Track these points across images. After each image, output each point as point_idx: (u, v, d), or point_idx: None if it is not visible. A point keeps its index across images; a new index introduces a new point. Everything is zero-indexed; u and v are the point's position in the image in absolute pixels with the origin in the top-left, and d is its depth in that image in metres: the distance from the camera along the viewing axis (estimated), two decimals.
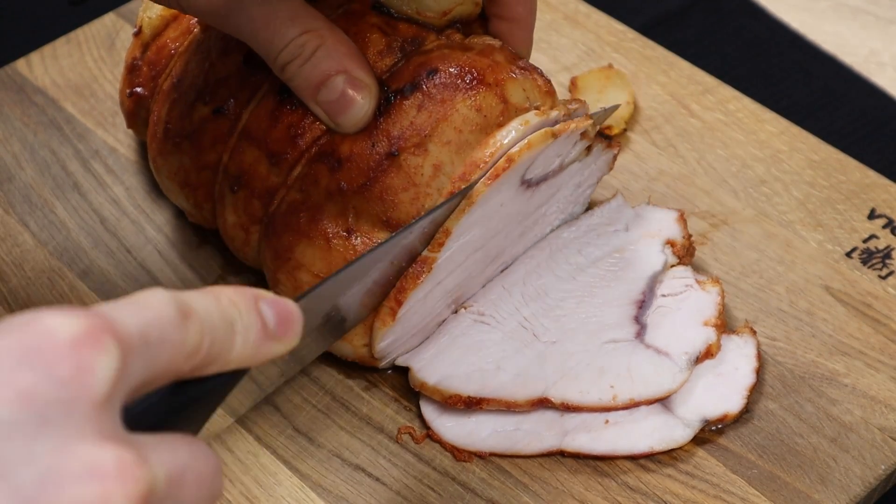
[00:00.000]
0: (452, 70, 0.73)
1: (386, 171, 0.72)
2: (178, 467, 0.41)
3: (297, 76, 0.71)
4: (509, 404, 0.75)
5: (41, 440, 0.37)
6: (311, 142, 0.74)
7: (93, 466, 0.38)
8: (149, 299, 0.43)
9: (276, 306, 0.48)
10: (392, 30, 0.75)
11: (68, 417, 0.38)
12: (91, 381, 0.39)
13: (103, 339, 0.39)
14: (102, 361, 0.39)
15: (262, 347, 0.47)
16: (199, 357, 0.44)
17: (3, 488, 0.36)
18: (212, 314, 0.45)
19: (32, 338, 0.39)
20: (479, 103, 0.73)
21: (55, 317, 0.39)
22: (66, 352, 0.39)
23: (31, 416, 0.38)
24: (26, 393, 0.38)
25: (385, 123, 0.72)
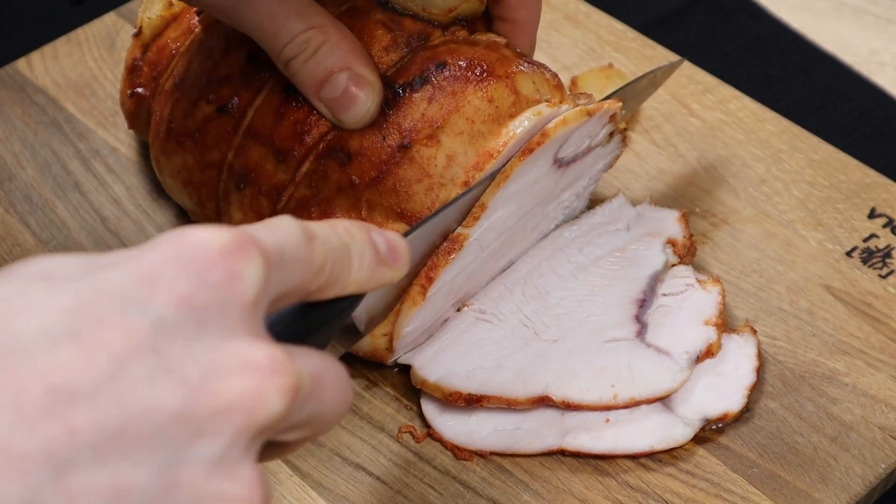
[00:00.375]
0: (462, 63, 0.73)
1: (399, 164, 0.72)
2: (319, 370, 0.45)
3: (300, 72, 0.71)
4: (510, 402, 0.75)
5: (201, 338, 0.41)
6: (319, 138, 0.74)
7: (248, 361, 0.41)
8: (279, 223, 0.47)
9: (385, 236, 0.52)
10: (397, 26, 0.75)
11: (222, 318, 0.42)
12: (240, 286, 0.42)
13: (250, 249, 0.43)
14: (250, 268, 0.43)
15: (376, 272, 0.51)
16: (323, 277, 0.48)
17: (171, 380, 0.40)
18: (331, 238, 0.49)
19: (186, 247, 0.42)
20: (490, 94, 0.73)
21: (203, 231, 0.43)
22: (218, 259, 0.42)
23: (191, 317, 0.41)
24: (185, 296, 0.41)
25: (395, 116, 0.72)
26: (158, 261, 0.42)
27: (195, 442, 0.40)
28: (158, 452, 0.39)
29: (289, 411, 0.42)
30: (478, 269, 0.78)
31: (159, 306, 0.41)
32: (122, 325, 0.40)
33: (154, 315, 0.40)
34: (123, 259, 0.42)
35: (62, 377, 0.38)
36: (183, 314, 0.41)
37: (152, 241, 0.43)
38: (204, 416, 0.40)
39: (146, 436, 0.39)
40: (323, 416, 0.45)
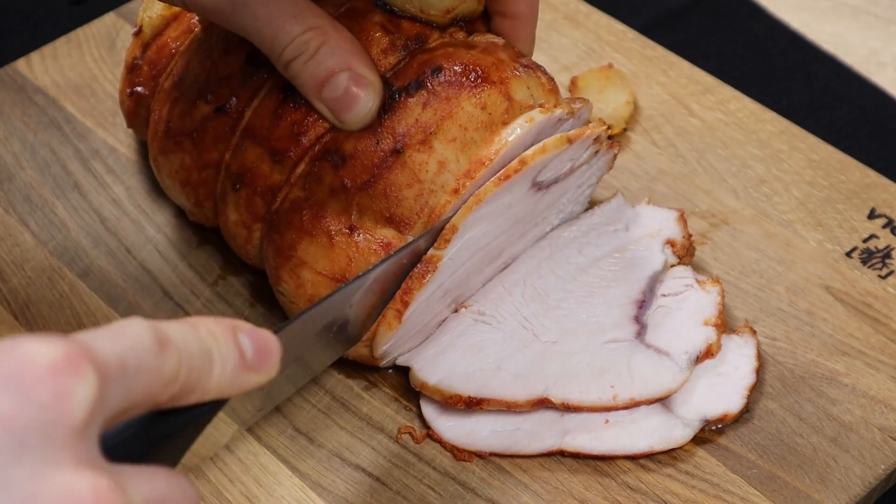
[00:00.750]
0: (457, 68, 0.73)
1: (390, 168, 0.72)
2: (156, 498, 0.41)
3: (301, 73, 0.71)
4: (510, 405, 0.75)
5: (19, 466, 0.37)
6: (315, 139, 0.74)
7: (69, 493, 0.38)
8: (126, 328, 0.43)
9: (253, 337, 0.48)
10: (395, 28, 0.75)
11: (46, 443, 0.38)
12: (69, 407, 0.39)
13: (81, 365, 0.39)
14: (80, 387, 0.39)
15: (241, 377, 0.48)
16: (176, 386, 0.44)
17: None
18: (189, 343, 0.45)
19: (11, 363, 0.39)
20: (483, 101, 0.73)
21: (33, 343, 0.39)
22: (45, 377, 0.39)
23: (10, 441, 0.38)
24: (5, 417, 0.38)
25: (390, 121, 0.72)
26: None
27: None
28: None
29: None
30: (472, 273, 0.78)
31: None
32: None
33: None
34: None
35: None
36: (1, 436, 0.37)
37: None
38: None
39: None
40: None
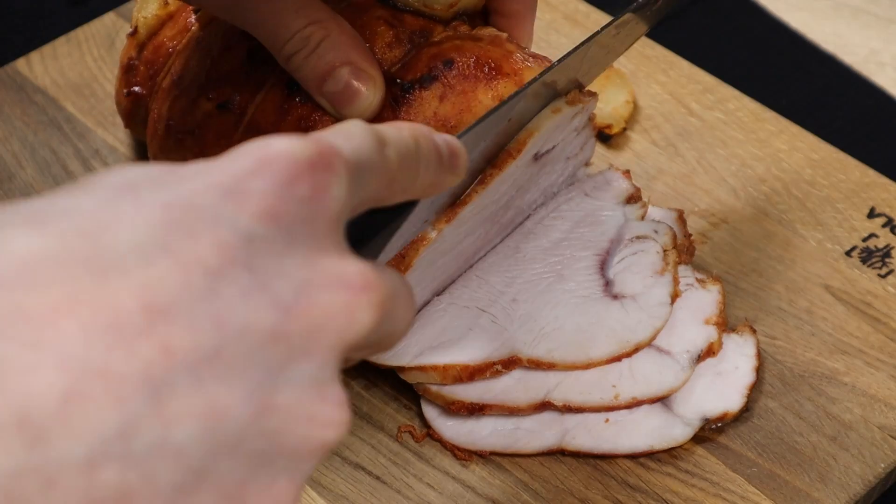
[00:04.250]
0: (469, 61, 0.74)
1: None
2: (396, 286, 0.44)
3: (302, 67, 0.71)
4: (512, 409, 0.75)
5: (291, 254, 0.40)
6: None
7: (338, 277, 0.40)
8: (352, 129, 0.45)
9: (446, 140, 0.51)
10: (399, 22, 0.75)
11: (311, 233, 0.41)
12: (327, 201, 0.41)
13: (335, 161, 0.42)
14: (335, 182, 0.42)
15: (439, 177, 0.50)
16: (395, 184, 0.47)
17: (266, 298, 0.38)
18: (400, 143, 0.47)
19: (272, 159, 0.41)
20: (500, 93, 0.73)
21: (288, 141, 0.41)
22: (305, 172, 0.41)
23: (281, 233, 0.40)
24: (274, 211, 0.40)
25: (406, 114, 0.72)
26: (245, 172, 0.40)
27: (289, 363, 0.39)
28: (253, 374, 0.38)
29: (376, 328, 0.42)
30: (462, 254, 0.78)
31: (250, 221, 0.39)
32: (215, 241, 0.38)
33: (245, 230, 0.39)
34: (208, 169, 0.40)
35: (159, 295, 0.36)
36: (272, 229, 0.40)
37: (236, 150, 0.42)
38: (298, 336, 0.39)
39: (242, 357, 0.37)
40: (393, 333, 0.44)
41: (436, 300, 0.79)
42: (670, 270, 0.79)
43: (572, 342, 0.75)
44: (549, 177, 0.82)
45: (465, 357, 0.75)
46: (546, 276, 0.79)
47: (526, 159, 0.74)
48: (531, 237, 0.82)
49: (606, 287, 0.78)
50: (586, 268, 0.80)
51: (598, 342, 0.75)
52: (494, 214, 0.78)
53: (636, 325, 0.76)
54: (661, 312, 0.77)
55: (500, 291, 0.79)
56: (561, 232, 0.82)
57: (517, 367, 0.75)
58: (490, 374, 0.75)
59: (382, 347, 0.45)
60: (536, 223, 0.83)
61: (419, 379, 0.76)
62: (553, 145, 0.78)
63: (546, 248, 0.81)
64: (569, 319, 0.77)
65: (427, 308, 0.79)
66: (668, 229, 0.81)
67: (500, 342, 0.76)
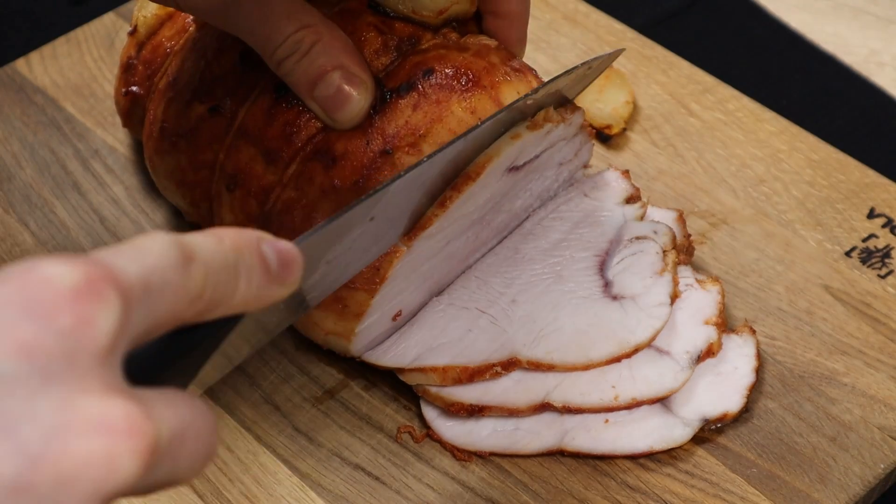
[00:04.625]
0: (448, 71, 0.73)
1: (379, 169, 0.72)
2: (180, 424, 0.40)
3: (293, 72, 0.71)
4: (511, 411, 0.75)
5: (45, 394, 0.37)
6: (307, 140, 0.74)
7: (99, 420, 0.37)
8: (149, 244, 0.42)
9: (277, 248, 0.47)
10: (388, 28, 0.75)
11: (71, 370, 0.37)
12: (93, 333, 0.38)
13: (104, 288, 0.38)
14: (104, 312, 0.38)
15: (265, 290, 0.46)
16: (201, 303, 0.43)
17: (8, 445, 0.35)
18: (215, 256, 0.44)
19: (32, 288, 0.37)
20: (473, 105, 0.73)
21: (54, 265, 0.38)
22: (67, 302, 0.38)
23: (34, 370, 0.37)
24: (28, 345, 0.37)
25: (380, 122, 0.72)
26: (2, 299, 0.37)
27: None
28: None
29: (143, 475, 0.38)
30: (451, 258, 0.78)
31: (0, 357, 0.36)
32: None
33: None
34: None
35: None
36: (24, 366, 0.36)
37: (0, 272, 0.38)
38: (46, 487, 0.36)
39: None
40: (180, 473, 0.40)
41: (435, 301, 0.79)
42: (670, 271, 0.79)
43: (572, 343, 0.75)
44: (542, 182, 0.81)
45: (464, 358, 0.75)
46: (545, 277, 0.79)
47: (492, 178, 0.74)
48: (530, 238, 0.82)
49: (606, 288, 0.78)
50: (586, 268, 0.80)
51: (597, 343, 0.75)
52: (482, 219, 0.78)
53: (636, 325, 0.76)
54: (660, 313, 0.77)
55: (499, 292, 0.79)
56: (560, 233, 0.82)
57: (517, 368, 0.75)
58: (489, 376, 0.75)
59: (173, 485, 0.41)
60: (535, 224, 0.83)
61: (419, 380, 0.76)
62: (533, 156, 0.77)
63: (545, 248, 0.81)
64: (568, 320, 0.77)
65: (426, 309, 0.79)
66: (668, 230, 0.81)
67: (500, 343, 0.76)
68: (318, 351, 0.80)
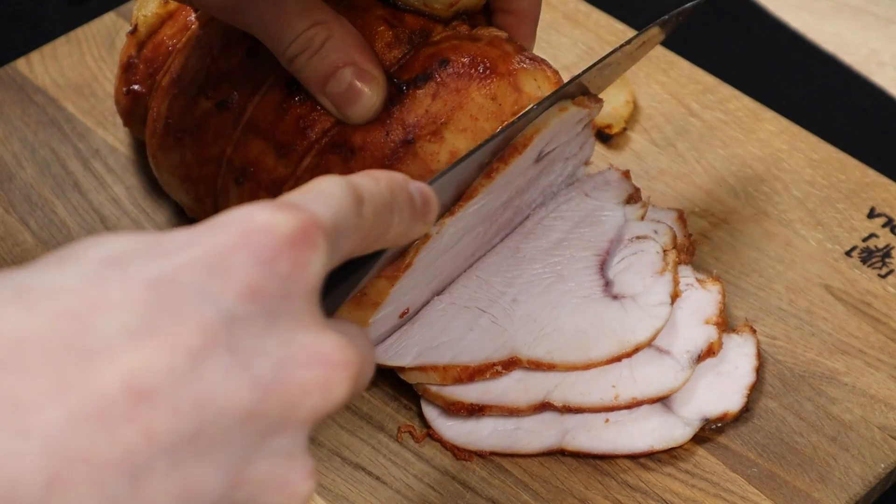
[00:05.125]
0: (465, 60, 0.74)
1: (402, 159, 0.72)
2: (366, 352, 0.45)
3: (305, 68, 0.71)
4: (512, 411, 0.75)
5: (272, 333, 0.41)
6: (321, 133, 0.74)
7: (316, 353, 0.42)
8: (332, 189, 0.46)
9: (419, 188, 0.52)
10: (399, 22, 0.75)
11: (289, 309, 0.42)
12: (305, 276, 0.42)
13: (315, 235, 0.43)
14: (315, 257, 0.43)
15: (411, 227, 0.51)
16: (370, 239, 0.48)
17: (246, 379, 0.40)
18: (377, 196, 0.48)
19: (254, 235, 0.42)
20: (493, 92, 0.73)
21: (270, 213, 0.42)
22: (286, 248, 0.42)
23: (261, 310, 0.41)
24: (256, 289, 0.41)
25: (399, 112, 0.72)
26: (227, 247, 0.41)
27: (264, 439, 0.41)
28: (229, 451, 0.40)
29: (349, 398, 0.43)
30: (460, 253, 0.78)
31: (233, 300, 0.41)
32: (198, 323, 0.39)
33: (228, 310, 0.40)
34: (191, 242, 0.41)
35: (143, 379, 0.38)
36: (254, 308, 0.41)
37: (218, 220, 0.43)
38: (274, 413, 0.41)
39: (219, 436, 0.39)
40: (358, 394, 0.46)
41: (436, 300, 0.79)
42: (670, 270, 0.79)
43: (572, 343, 0.75)
44: (548, 177, 0.82)
45: (465, 358, 0.75)
46: (546, 277, 0.79)
47: (532, 155, 0.74)
48: (531, 237, 0.82)
49: (606, 287, 0.78)
50: (586, 268, 0.80)
51: (597, 342, 0.75)
52: (493, 213, 0.78)
53: (636, 325, 0.76)
54: (660, 312, 0.77)
55: (500, 292, 0.79)
56: (561, 232, 0.82)
57: (517, 367, 0.75)
58: (490, 375, 0.75)
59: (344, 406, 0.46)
60: (536, 223, 0.83)
61: (419, 379, 0.76)
62: (556, 146, 0.78)
63: (546, 248, 0.81)
64: (569, 320, 0.77)
65: (427, 308, 0.79)
66: (668, 229, 0.81)
67: (500, 343, 0.76)
68: None
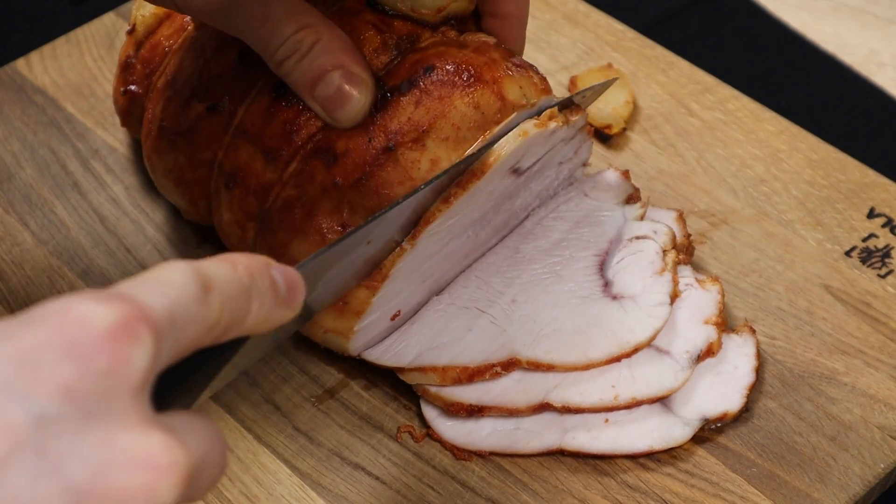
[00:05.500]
0: (449, 67, 0.73)
1: (382, 166, 0.72)
2: (204, 449, 0.42)
3: (294, 72, 0.71)
4: (511, 411, 0.75)
5: (88, 433, 0.38)
6: (307, 138, 0.74)
7: (139, 455, 0.39)
8: (171, 276, 0.43)
9: (284, 273, 0.49)
10: (387, 27, 0.75)
11: (110, 408, 0.39)
12: (128, 372, 0.40)
13: (138, 328, 0.40)
14: (139, 351, 0.40)
15: (274, 313, 0.48)
16: (218, 329, 0.45)
17: (56, 483, 0.37)
18: (230, 284, 0.46)
19: (70, 329, 0.39)
20: (476, 100, 0.73)
21: (90, 305, 0.40)
22: (104, 343, 0.39)
23: (77, 410, 0.38)
24: (70, 387, 0.38)
25: (382, 119, 0.72)
26: (40, 342, 0.39)
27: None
28: None
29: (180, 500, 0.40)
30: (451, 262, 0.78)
31: (42, 398, 0.38)
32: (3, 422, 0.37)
33: (37, 409, 0.37)
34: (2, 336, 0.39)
35: None
36: (67, 407, 0.38)
37: (34, 313, 0.40)
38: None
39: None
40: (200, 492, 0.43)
41: (435, 300, 0.79)
42: (670, 270, 0.79)
43: (571, 343, 0.75)
44: (543, 181, 0.82)
45: (464, 358, 0.75)
46: (545, 277, 0.79)
47: (496, 176, 0.74)
48: (530, 238, 0.82)
49: (606, 287, 0.78)
50: (585, 268, 0.80)
51: (597, 343, 0.75)
52: (482, 219, 0.78)
53: (635, 325, 0.76)
54: (660, 312, 0.77)
55: (499, 292, 0.79)
56: (560, 233, 0.82)
57: (516, 368, 0.75)
58: (489, 376, 0.75)
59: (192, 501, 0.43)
60: (536, 224, 0.83)
61: (418, 380, 0.76)
62: (536, 159, 0.77)
63: (545, 248, 0.81)
64: (568, 320, 0.77)
65: (426, 308, 0.79)
66: (668, 229, 0.81)
67: (500, 343, 0.76)
68: (317, 350, 0.80)
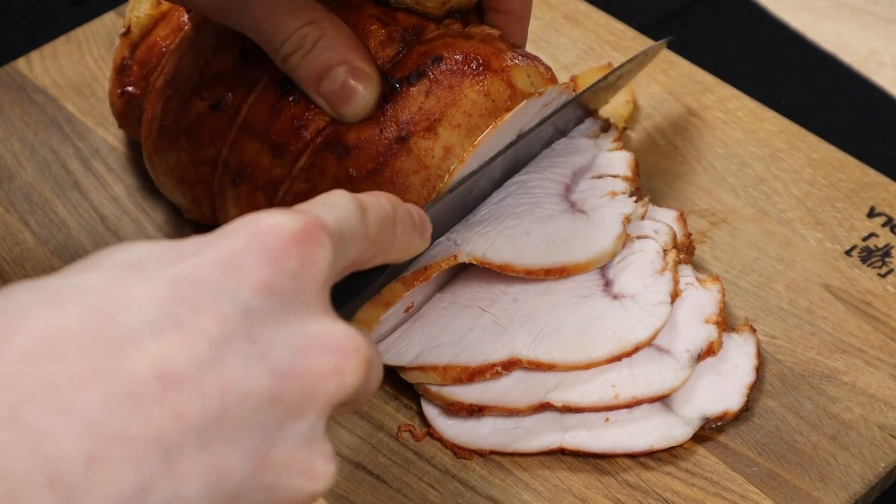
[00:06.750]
0: (458, 57, 0.74)
1: (396, 155, 0.72)
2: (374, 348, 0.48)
3: (299, 67, 0.72)
4: (511, 411, 0.75)
5: (285, 323, 0.44)
6: (316, 132, 0.74)
7: (329, 342, 0.45)
8: (336, 199, 0.50)
9: (415, 208, 0.57)
10: (391, 20, 0.75)
11: (301, 302, 0.45)
12: (313, 270, 0.46)
13: (319, 234, 0.46)
14: (321, 254, 0.46)
15: (412, 241, 0.56)
16: (375, 248, 0.52)
17: (265, 365, 0.43)
18: (380, 208, 0.52)
19: (263, 236, 0.45)
20: (487, 88, 0.73)
21: (277, 216, 0.46)
22: (293, 247, 0.45)
23: (275, 304, 0.44)
24: (267, 284, 0.44)
25: (393, 110, 0.73)
26: (238, 248, 0.44)
27: (285, 422, 0.43)
28: (253, 434, 0.42)
29: (362, 386, 0.46)
30: None
31: (247, 295, 0.43)
32: (218, 315, 0.42)
33: (243, 303, 0.43)
34: (205, 246, 0.45)
35: (170, 365, 0.40)
36: (267, 301, 0.44)
37: (229, 226, 0.46)
38: (293, 398, 0.43)
39: (243, 419, 0.42)
40: (368, 392, 0.48)
41: (437, 298, 0.79)
42: (670, 270, 0.79)
43: (572, 342, 0.75)
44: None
45: (465, 358, 0.75)
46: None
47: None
48: None
49: (606, 287, 0.78)
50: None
51: (597, 342, 0.75)
52: None
53: (636, 324, 0.76)
54: (660, 312, 0.77)
55: (501, 291, 0.79)
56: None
57: (517, 368, 0.75)
58: (490, 376, 0.75)
59: (356, 406, 0.49)
60: None
61: (419, 379, 0.76)
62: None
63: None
64: (568, 319, 0.77)
65: (429, 305, 0.79)
66: (668, 229, 0.81)
67: (501, 343, 0.76)
68: None
